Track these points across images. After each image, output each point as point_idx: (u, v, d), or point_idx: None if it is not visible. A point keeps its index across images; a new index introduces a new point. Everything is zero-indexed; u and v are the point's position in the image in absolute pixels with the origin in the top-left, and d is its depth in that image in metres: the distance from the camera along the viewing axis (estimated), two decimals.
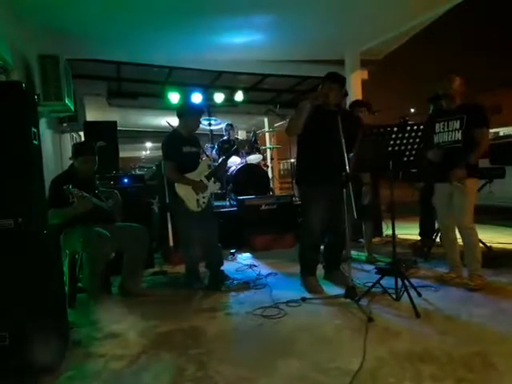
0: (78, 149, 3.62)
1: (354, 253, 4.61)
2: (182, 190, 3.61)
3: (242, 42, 5.68)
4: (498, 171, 4.50)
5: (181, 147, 3.67)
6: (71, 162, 3.62)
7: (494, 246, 4.34)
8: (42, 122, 5.04)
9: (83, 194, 3.18)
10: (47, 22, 4.50)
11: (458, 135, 3.37)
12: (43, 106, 4.64)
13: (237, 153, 6.06)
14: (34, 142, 2.38)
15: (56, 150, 6.17)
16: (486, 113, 3.37)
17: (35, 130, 2.41)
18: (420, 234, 4.86)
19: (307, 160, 3.53)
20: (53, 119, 5.90)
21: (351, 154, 3.14)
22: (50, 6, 4.15)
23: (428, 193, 4.64)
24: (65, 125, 6.39)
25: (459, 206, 3.37)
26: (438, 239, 4.59)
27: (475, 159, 3.32)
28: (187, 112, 3.79)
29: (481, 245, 4.05)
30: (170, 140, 3.76)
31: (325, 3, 4.56)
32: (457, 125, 3.39)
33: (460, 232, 3.41)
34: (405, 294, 2.95)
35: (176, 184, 3.60)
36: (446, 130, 3.46)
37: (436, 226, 4.65)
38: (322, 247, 4.27)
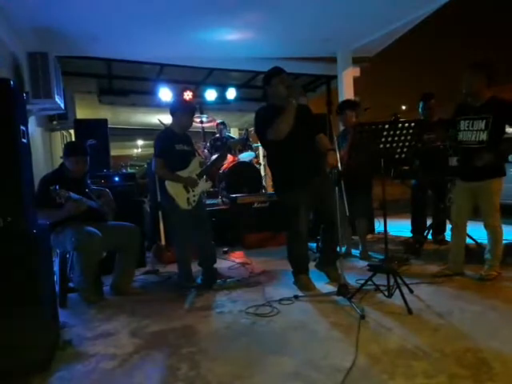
0: (69, 149, 3.58)
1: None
2: (172, 188, 3.58)
3: (233, 40, 5.66)
4: None
5: (173, 145, 3.63)
6: (62, 160, 3.58)
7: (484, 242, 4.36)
8: (32, 120, 4.99)
9: (70, 194, 3.11)
10: (36, 19, 4.44)
11: (483, 136, 3.30)
12: (32, 104, 4.59)
13: (229, 151, 6.04)
14: (23, 140, 2.35)
15: (46, 148, 6.12)
16: None
17: (24, 129, 2.38)
18: (412, 232, 4.89)
19: (282, 164, 3.46)
20: (42, 117, 5.85)
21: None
22: (38, 4, 4.09)
23: (420, 190, 4.68)
24: (55, 123, 6.33)
25: (486, 206, 3.38)
26: (429, 236, 4.63)
27: (503, 151, 3.29)
28: (180, 109, 3.75)
29: (472, 242, 4.09)
30: (162, 137, 3.72)
31: (317, 0, 4.56)
32: (482, 125, 3.30)
33: (486, 229, 3.43)
34: (397, 290, 2.95)
35: (166, 182, 3.58)
36: (470, 128, 3.37)
37: (427, 223, 4.69)
38: (315, 245, 4.28)
